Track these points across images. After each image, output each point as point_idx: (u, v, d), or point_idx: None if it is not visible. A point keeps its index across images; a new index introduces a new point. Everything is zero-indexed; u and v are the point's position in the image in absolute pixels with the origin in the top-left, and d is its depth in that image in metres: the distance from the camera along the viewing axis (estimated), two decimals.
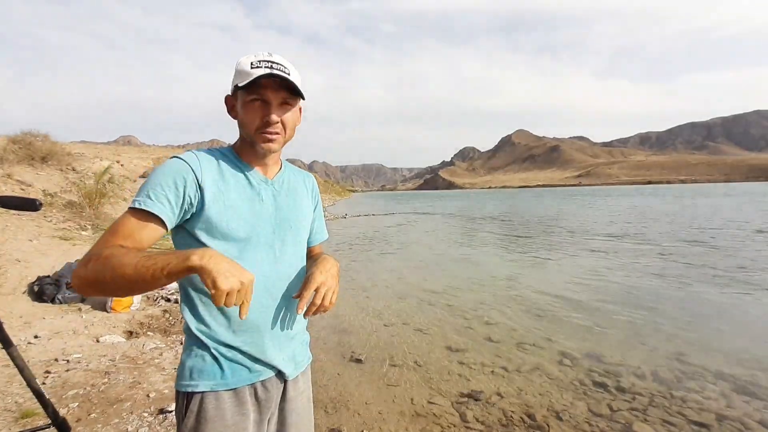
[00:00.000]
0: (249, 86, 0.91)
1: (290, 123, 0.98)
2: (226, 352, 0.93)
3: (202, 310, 0.93)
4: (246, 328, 0.94)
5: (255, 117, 0.94)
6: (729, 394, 3.09)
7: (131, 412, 2.54)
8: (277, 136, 0.96)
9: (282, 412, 1.03)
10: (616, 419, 2.78)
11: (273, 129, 0.95)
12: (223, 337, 0.93)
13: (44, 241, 6.13)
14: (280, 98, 0.94)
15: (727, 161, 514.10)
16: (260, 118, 0.94)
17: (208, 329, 0.93)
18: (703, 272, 7.25)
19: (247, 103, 0.94)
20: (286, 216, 1.03)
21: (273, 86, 0.92)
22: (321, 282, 0.97)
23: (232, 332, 0.94)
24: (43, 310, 4.18)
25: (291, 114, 0.98)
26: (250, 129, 0.95)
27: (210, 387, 0.91)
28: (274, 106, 0.94)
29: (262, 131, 0.94)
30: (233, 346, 0.93)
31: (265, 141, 0.96)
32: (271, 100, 0.93)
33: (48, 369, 3.02)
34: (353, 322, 4.90)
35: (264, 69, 0.90)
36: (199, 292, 0.93)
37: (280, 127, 0.96)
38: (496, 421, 2.79)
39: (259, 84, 0.91)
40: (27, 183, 8.66)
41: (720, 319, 4.83)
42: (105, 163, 12.73)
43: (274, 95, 0.93)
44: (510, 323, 4.80)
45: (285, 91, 0.94)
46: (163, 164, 0.91)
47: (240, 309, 0.79)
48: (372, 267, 8.53)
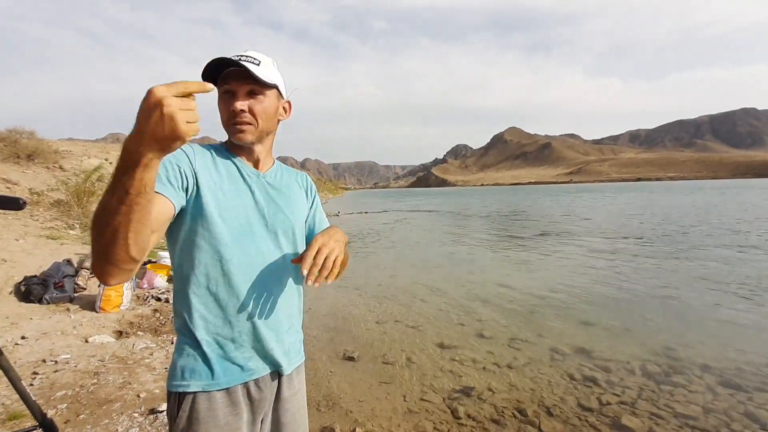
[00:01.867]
0: (222, 80, 0.94)
1: (261, 112, 0.97)
2: (219, 349, 0.92)
3: (196, 302, 0.92)
4: (242, 319, 0.94)
5: (225, 109, 0.96)
6: (715, 387, 3.15)
7: (121, 413, 2.52)
8: (248, 126, 0.96)
9: (276, 412, 1.02)
10: (606, 413, 2.82)
11: (240, 119, 0.95)
12: (219, 329, 0.92)
13: (31, 241, 6.03)
14: (246, 88, 0.95)
15: (714, 158, 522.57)
16: (228, 108, 0.95)
17: (205, 322, 0.92)
18: (691, 268, 7.37)
19: (220, 96, 0.96)
20: (279, 209, 1.03)
21: (236, 76, 0.94)
22: (322, 243, 0.90)
23: (228, 323, 0.93)
24: (30, 310, 4.11)
25: (262, 103, 0.97)
26: (224, 122, 0.97)
27: (202, 387, 0.90)
28: (240, 95, 0.95)
29: (232, 122, 0.96)
30: (230, 338, 0.93)
31: (235, 132, 0.96)
32: (235, 89, 0.94)
33: (36, 370, 2.98)
34: (346, 319, 4.90)
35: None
36: (194, 282, 0.91)
37: (249, 117, 0.96)
38: (488, 416, 2.81)
39: (227, 75, 0.93)
40: (13, 181, 8.50)
41: (706, 314, 4.91)
42: (94, 161, 12.54)
43: (238, 85, 0.94)
44: (501, 320, 4.83)
45: (250, 80, 0.94)
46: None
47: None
48: (364, 264, 8.53)
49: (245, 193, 0.98)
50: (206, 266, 0.92)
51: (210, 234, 0.91)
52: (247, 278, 0.94)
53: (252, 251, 0.95)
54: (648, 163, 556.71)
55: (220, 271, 0.92)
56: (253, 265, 0.96)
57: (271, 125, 1.02)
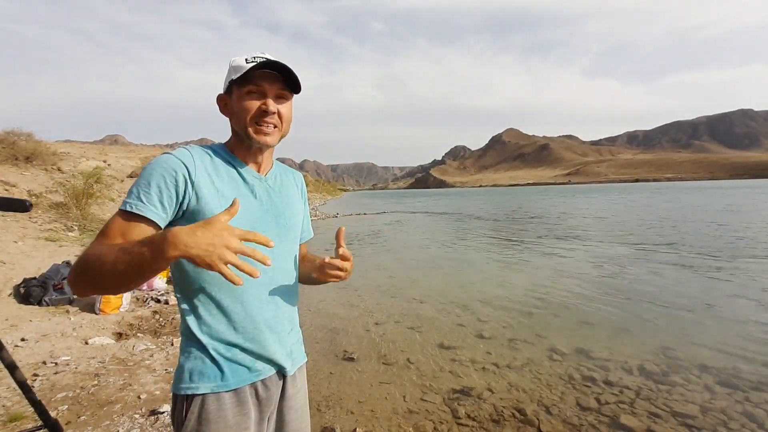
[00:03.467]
0: (244, 79, 0.92)
1: (287, 116, 0.98)
2: (225, 352, 0.92)
3: (201, 310, 0.92)
4: (247, 325, 0.94)
5: (251, 107, 0.93)
6: (713, 386, 3.17)
7: (122, 414, 2.52)
8: (274, 129, 0.96)
9: (281, 411, 1.03)
10: (604, 412, 2.84)
11: (270, 120, 0.94)
12: (224, 335, 0.92)
13: (30, 243, 6.02)
14: (276, 89, 0.95)
15: (711, 159, 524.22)
16: (256, 107, 0.93)
17: (208, 328, 0.92)
18: (689, 267, 7.40)
19: (242, 95, 0.94)
20: (281, 212, 1.03)
21: (269, 77, 0.93)
22: (350, 256, 1.07)
23: (233, 329, 0.93)
24: (29, 312, 4.11)
25: (287, 107, 0.98)
26: (244, 120, 0.94)
27: (210, 389, 0.90)
28: (271, 97, 0.94)
29: (258, 122, 0.94)
30: (234, 343, 0.93)
31: (260, 133, 0.95)
32: (266, 90, 0.93)
33: (36, 372, 2.98)
34: (345, 320, 4.91)
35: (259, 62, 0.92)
36: (195, 288, 0.92)
37: (277, 120, 0.95)
38: (487, 416, 2.83)
39: (255, 76, 0.92)
40: (11, 183, 8.48)
41: (704, 313, 4.94)
42: (92, 163, 12.52)
43: (269, 86, 0.93)
44: (501, 320, 4.85)
45: (280, 83, 0.94)
46: (154, 161, 0.89)
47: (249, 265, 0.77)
48: (363, 265, 8.54)
49: (247, 197, 0.97)
50: (208, 273, 0.90)
51: None
52: (250, 284, 0.93)
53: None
54: (646, 164, 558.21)
55: (223, 278, 0.93)
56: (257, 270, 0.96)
57: (289, 129, 1.03)
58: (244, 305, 0.94)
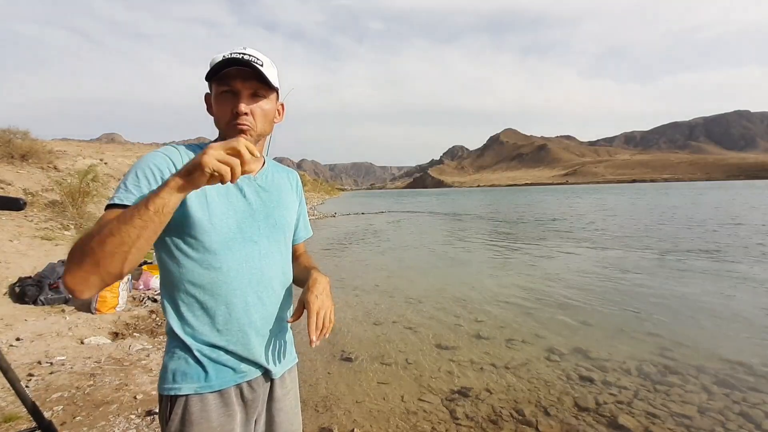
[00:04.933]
0: (220, 78, 0.90)
1: (261, 116, 0.95)
2: (210, 353, 0.90)
3: (184, 310, 0.90)
4: (231, 327, 0.92)
5: (226, 109, 0.92)
6: (710, 386, 3.18)
7: (118, 415, 2.50)
8: (249, 129, 0.94)
9: (270, 412, 1.02)
10: (602, 412, 2.84)
11: (242, 121, 0.92)
12: (207, 337, 0.90)
13: (25, 242, 5.97)
14: (250, 89, 0.92)
15: (708, 160, 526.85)
16: (230, 109, 0.92)
17: (192, 330, 0.90)
18: (686, 268, 7.42)
19: (218, 95, 0.93)
20: (271, 212, 1.01)
21: (242, 76, 0.91)
22: (318, 307, 0.99)
23: (216, 331, 0.91)
24: (25, 311, 4.08)
25: (263, 106, 0.95)
26: (221, 123, 0.94)
27: (194, 390, 0.89)
28: (244, 97, 0.92)
29: (233, 123, 0.92)
30: (218, 345, 0.91)
31: (237, 135, 0.92)
32: (239, 90, 0.91)
33: (31, 372, 2.95)
34: (343, 321, 4.89)
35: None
36: (179, 289, 0.90)
37: (250, 120, 0.93)
38: (486, 417, 2.82)
39: (227, 75, 0.90)
40: (7, 181, 8.42)
41: (702, 314, 4.95)
42: (88, 161, 12.46)
43: (243, 85, 0.91)
44: (499, 320, 4.85)
45: (255, 81, 0.92)
46: (141, 158, 0.89)
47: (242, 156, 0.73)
48: (361, 266, 8.53)
49: (235, 196, 0.95)
50: (193, 274, 0.89)
51: (197, 242, 0.89)
52: (236, 286, 0.92)
53: (241, 257, 0.93)
54: (643, 164, 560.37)
55: (208, 280, 0.90)
56: (242, 272, 0.93)
57: (269, 128, 1.00)
58: (228, 307, 0.92)
